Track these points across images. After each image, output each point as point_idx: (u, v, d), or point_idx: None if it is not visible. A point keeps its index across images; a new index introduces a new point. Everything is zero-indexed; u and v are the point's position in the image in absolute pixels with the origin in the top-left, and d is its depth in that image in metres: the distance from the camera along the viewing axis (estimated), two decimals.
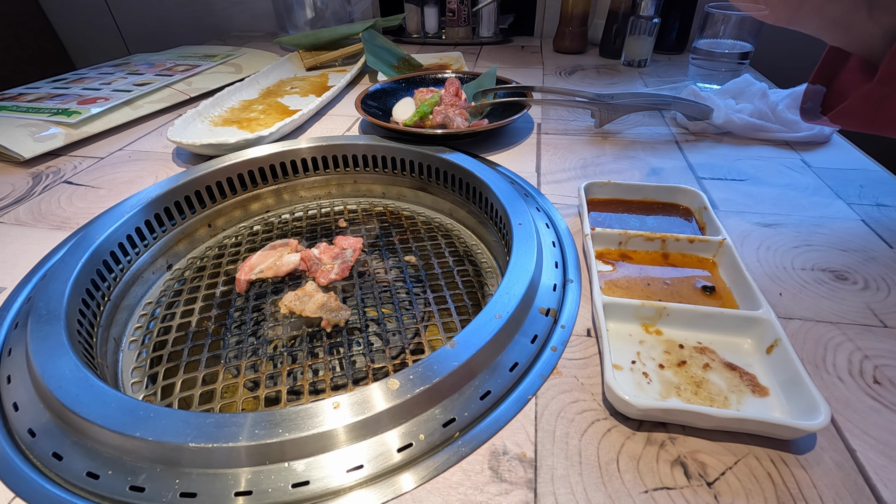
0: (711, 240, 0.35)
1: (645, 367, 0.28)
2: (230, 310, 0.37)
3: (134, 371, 0.33)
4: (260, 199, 0.49)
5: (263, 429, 0.22)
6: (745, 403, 0.25)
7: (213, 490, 0.22)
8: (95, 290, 0.34)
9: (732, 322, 0.29)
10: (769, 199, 0.44)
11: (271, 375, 0.32)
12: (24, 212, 0.46)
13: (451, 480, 0.23)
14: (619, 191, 0.42)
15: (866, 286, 0.34)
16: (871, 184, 0.46)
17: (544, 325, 0.30)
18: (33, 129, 0.57)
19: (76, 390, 0.25)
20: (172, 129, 0.55)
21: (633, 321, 0.30)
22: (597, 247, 0.36)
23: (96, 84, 0.72)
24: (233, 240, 0.46)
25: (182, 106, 0.70)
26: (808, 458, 0.23)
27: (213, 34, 1.19)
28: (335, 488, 0.22)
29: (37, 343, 0.27)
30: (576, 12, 0.90)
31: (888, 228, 0.40)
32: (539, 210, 0.42)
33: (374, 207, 0.50)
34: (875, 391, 0.26)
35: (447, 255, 0.41)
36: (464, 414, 0.25)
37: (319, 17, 1.01)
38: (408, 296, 0.38)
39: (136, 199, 0.40)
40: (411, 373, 0.25)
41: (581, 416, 0.25)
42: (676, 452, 0.24)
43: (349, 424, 0.23)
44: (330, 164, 0.51)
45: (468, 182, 0.44)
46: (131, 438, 0.22)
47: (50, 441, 0.24)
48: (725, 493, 0.22)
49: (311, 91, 0.74)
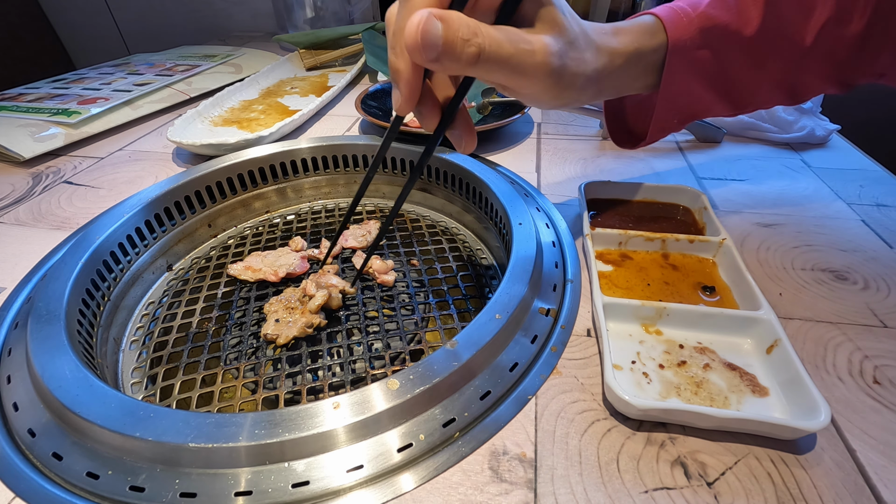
0: (711, 240, 0.35)
1: (645, 367, 0.28)
2: (231, 311, 0.37)
3: (134, 371, 0.33)
4: (260, 199, 0.49)
5: (263, 429, 0.22)
6: (745, 403, 0.25)
7: (213, 490, 0.22)
8: (95, 290, 0.34)
9: (732, 322, 0.29)
10: (769, 199, 0.44)
11: (271, 378, 0.32)
12: (24, 212, 0.46)
13: (451, 480, 0.23)
14: (619, 191, 0.42)
15: (866, 286, 0.34)
16: (871, 184, 0.46)
17: (544, 325, 0.30)
18: (33, 129, 0.57)
19: (76, 390, 0.25)
20: (172, 130, 0.55)
21: (633, 321, 0.30)
22: (597, 247, 0.36)
23: (96, 84, 0.72)
24: (233, 240, 0.46)
25: (182, 106, 0.70)
26: (808, 458, 0.23)
27: (213, 34, 1.19)
28: (335, 488, 0.22)
29: (37, 343, 0.27)
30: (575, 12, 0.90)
31: (888, 228, 0.40)
32: (539, 210, 0.42)
33: (378, 208, 0.50)
34: (875, 391, 0.26)
35: (450, 259, 0.41)
36: (464, 414, 0.25)
37: (319, 17, 1.01)
38: (409, 298, 0.38)
39: (136, 199, 0.40)
40: (411, 373, 0.25)
41: (581, 416, 0.25)
42: (676, 452, 0.24)
43: (349, 424, 0.23)
44: (330, 164, 0.50)
45: (468, 182, 0.44)
46: (131, 438, 0.22)
47: (50, 441, 0.24)
48: (725, 493, 0.22)
49: (311, 91, 0.74)
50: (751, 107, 0.36)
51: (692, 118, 0.36)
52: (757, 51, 0.32)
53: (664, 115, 0.35)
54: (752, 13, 0.31)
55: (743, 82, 0.34)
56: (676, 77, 0.33)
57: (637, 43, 0.31)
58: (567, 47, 0.25)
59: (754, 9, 0.31)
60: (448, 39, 0.20)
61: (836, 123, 0.54)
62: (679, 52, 0.31)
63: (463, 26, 0.20)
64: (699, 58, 0.32)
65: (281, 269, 0.39)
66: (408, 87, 0.22)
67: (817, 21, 0.31)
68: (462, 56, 0.20)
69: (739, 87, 0.34)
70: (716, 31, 0.32)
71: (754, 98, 0.35)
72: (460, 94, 0.25)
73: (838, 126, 0.54)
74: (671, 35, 0.31)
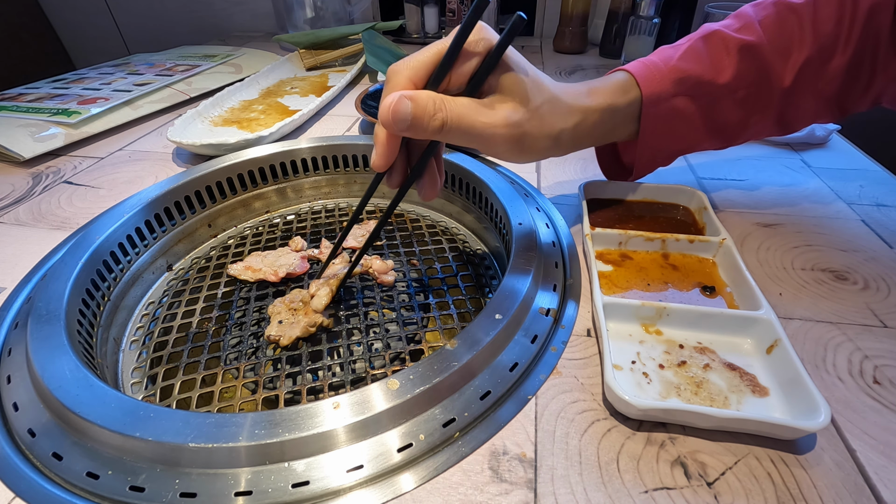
0: (711, 240, 0.35)
1: (645, 367, 0.28)
2: (231, 311, 0.37)
3: (134, 371, 0.33)
4: (260, 199, 0.49)
5: (263, 429, 0.22)
6: (746, 403, 0.25)
7: (213, 490, 0.22)
8: (95, 290, 0.34)
9: (732, 322, 0.29)
10: (769, 199, 0.44)
11: (271, 378, 0.32)
12: (24, 212, 0.46)
13: (451, 480, 0.23)
14: (619, 191, 0.42)
15: (866, 286, 0.34)
16: (871, 184, 0.46)
17: (544, 325, 0.30)
18: (33, 129, 0.57)
19: (76, 390, 0.25)
20: (172, 129, 0.55)
21: (633, 321, 0.30)
22: (597, 247, 0.36)
23: (96, 84, 0.72)
24: (233, 240, 0.46)
25: (182, 106, 0.70)
26: (808, 458, 0.23)
27: (213, 34, 1.19)
28: (335, 488, 0.22)
29: (37, 343, 0.27)
30: (576, 12, 0.90)
31: (888, 228, 0.40)
32: (539, 210, 0.42)
33: (378, 208, 0.50)
34: (875, 391, 0.26)
35: (450, 259, 0.41)
36: (464, 414, 0.25)
37: (319, 17, 1.01)
38: (409, 298, 0.38)
39: (136, 199, 0.40)
40: (411, 373, 0.25)
41: (581, 417, 0.25)
42: (676, 452, 0.24)
43: (349, 424, 0.23)
44: (330, 164, 0.50)
45: (468, 182, 0.44)
46: (131, 438, 0.22)
47: (50, 441, 0.24)
48: (725, 493, 0.22)
49: (311, 91, 0.74)
50: (740, 140, 0.37)
51: (679, 154, 0.38)
52: (735, 95, 0.34)
53: (647, 155, 0.37)
54: (724, 63, 0.33)
55: (728, 122, 0.35)
56: (656, 124, 0.34)
57: (611, 99, 0.33)
58: (528, 115, 0.28)
59: (727, 59, 0.33)
60: (416, 115, 0.24)
61: (835, 123, 0.54)
62: (654, 103, 0.33)
63: (430, 103, 0.24)
64: (677, 105, 0.34)
65: (281, 270, 0.39)
66: (383, 149, 0.26)
67: (795, 62, 0.33)
68: (428, 127, 0.25)
69: (725, 126, 0.36)
70: (689, 82, 0.33)
71: (743, 133, 0.37)
72: (427, 155, 0.28)
73: (838, 126, 0.54)
74: (644, 89, 0.33)
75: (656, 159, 0.38)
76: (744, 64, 0.33)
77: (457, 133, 0.26)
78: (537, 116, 0.28)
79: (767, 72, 0.33)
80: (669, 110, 0.34)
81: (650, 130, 0.34)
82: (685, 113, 0.34)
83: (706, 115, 0.34)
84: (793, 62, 0.33)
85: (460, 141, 0.27)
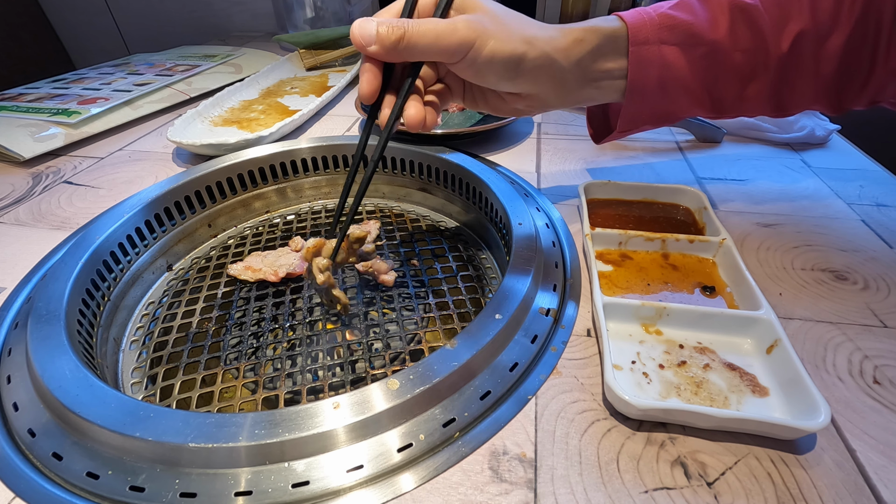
0: (711, 240, 0.35)
1: (645, 367, 0.28)
2: (231, 311, 0.37)
3: (134, 371, 0.33)
4: (260, 199, 0.49)
5: (263, 429, 0.22)
6: (745, 403, 0.25)
7: (213, 490, 0.22)
8: (95, 290, 0.34)
9: (732, 322, 0.29)
10: (769, 200, 0.44)
11: (271, 378, 0.32)
12: (24, 212, 0.46)
13: (451, 480, 0.23)
14: (619, 191, 0.42)
15: (866, 286, 0.34)
16: (871, 184, 0.46)
17: (544, 325, 0.30)
18: (33, 129, 0.57)
19: (76, 390, 0.25)
20: (172, 130, 0.55)
21: (633, 321, 0.30)
22: (597, 247, 0.36)
23: (96, 84, 0.72)
24: (233, 240, 0.46)
25: (182, 106, 0.70)
26: (808, 459, 0.23)
27: (213, 34, 1.19)
28: (335, 488, 0.22)
29: (37, 343, 0.27)
30: (576, 12, 0.90)
31: (888, 228, 0.40)
32: (539, 210, 0.42)
33: (378, 207, 0.50)
34: (875, 391, 0.26)
35: (450, 259, 0.41)
36: (464, 414, 0.25)
37: (319, 16, 1.01)
38: (409, 298, 0.38)
39: (136, 199, 0.40)
40: (411, 373, 0.25)
41: (581, 416, 0.25)
42: (676, 452, 0.24)
43: (349, 424, 0.23)
44: (330, 164, 0.50)
45: (468, 182, 0.44)
46: (131, 438, 0.22)
47: (50, 441, 0.24)
48: (725, 493, 0.22)
49: (311, 91, 0.74)
50: (731, 112, 0.36)
51: (667, 117, 0.37)
52: (730, 57, 0.33)
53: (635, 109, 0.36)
54: (719, 19, 0.33)
55: (720, 86, 0.34)
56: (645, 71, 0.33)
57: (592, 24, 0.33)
58: (489, 18, 0.29)
59: (721, 16, 0.33)
60: (380, 31, 0.26)
61: (836, 123, 0.54)
62: (641, 42, 0.33)
63: (392, 20, 0.27)
64: (667, 55, 0.33)
65: (281, 269, 0.39)
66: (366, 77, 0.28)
67: (791, 31, 0.32)
68: (388, 40, 0.26)
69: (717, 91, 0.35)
70: (679, 29, 0.33)
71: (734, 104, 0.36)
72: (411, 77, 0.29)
73: (838, 126, 0.54)
74: (630, 22, 0.33)
75: (641, 116, 0.36)
76: (739, 23, 0.32)
77: (422, 46, 0.27)
78: (499, 22, 0.29)
79: (763, 35, 0.32)
80: (658, 58, 0.33)
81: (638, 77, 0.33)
82: (675, 66, 0.33)
83: (697, 72, 0.33)
84: (789, 30, 0.32)
85: (430, 56, 0.28)
